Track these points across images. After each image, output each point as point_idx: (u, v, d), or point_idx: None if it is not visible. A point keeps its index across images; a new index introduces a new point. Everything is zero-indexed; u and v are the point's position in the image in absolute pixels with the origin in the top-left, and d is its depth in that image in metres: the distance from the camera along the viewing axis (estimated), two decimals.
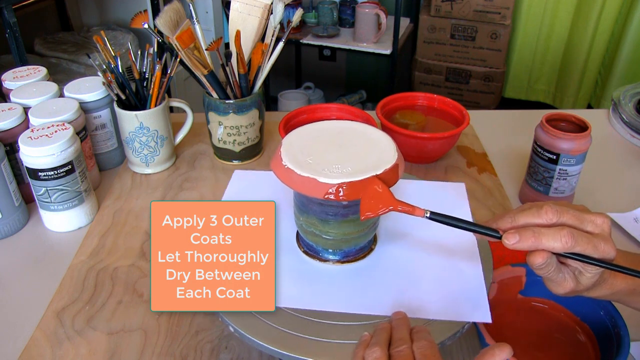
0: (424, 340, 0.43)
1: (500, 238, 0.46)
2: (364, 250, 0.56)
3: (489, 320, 0.48)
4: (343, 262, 0.55)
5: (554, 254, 0.45)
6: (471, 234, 0.55)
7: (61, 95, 0.85)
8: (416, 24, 2.53)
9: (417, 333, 0.45)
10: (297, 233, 0.59)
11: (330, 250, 0.55)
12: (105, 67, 0.81)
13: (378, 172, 0.48)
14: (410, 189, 0.64)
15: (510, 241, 0.45)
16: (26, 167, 0.72)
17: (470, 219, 0.58)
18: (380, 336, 0.45)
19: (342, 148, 0.52)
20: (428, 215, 0.47)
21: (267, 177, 0.66)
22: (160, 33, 0.79)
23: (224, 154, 0.91)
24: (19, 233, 0.78)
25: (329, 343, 0.47)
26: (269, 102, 2.66)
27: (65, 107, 0.80)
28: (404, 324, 0.46)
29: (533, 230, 0.44)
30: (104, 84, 0.83)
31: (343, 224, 0.52)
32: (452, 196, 0.63)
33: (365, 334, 0.46)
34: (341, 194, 0.47)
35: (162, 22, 0.75)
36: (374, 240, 0.58)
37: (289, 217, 0.60)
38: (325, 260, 0.55)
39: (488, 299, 0.51)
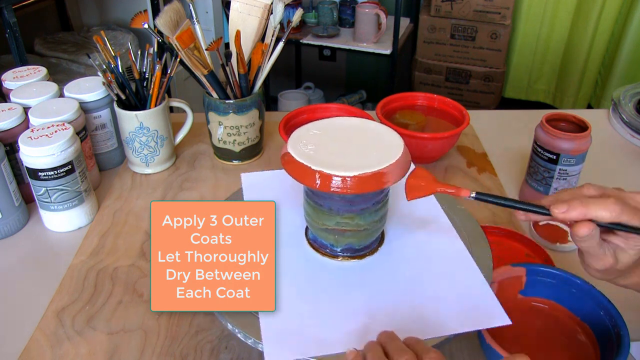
0: (433, 352, 0.41)
1: (548, 213, 0.47)
2: (371, 247, 0.57)
3: (508, 321, 0.48)
4: (352, 258, 0.56)
5: (599, 225, 0.45)
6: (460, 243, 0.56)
7: (61, 95, 0.85)
8: (416, 24, 2.53)
9: (414, 346, 0.43)
10: (306, 228, 0.59)
11: (339, 246, 0.55)
12: (105, 67, 0.81)
13: (386, 165, 0.48)
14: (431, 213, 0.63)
15: (560, 209, 0.45)
16: (26, 167, 0.72)
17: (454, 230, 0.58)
18: (374, 352, 0.42)
19: (349, 143, 0.52)
20: (474, 195, 0.48)
21: (274, 176, 0.67)
22: (160, 33, 0.79)
23: (224, 154, 0.91)
24: (19, 233, 0.78)
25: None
26: (269, 102, 2.66)
27: (65, 107, 0.80)
28: (395, 338, 0.44)
29: (581, 199, 0.45)
30: (104, 84, 0.83)
31: (355, 217, 0.52)
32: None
33: (352, 349, 0.44)
34: (348, 184, 0.47)
35: (162, 22, 0.75)
36: (381, 238, 0.58)
37: (298, 213, 0.60)
38: (334, 256, 0.56)
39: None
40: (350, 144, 0.52)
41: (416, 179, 0.50)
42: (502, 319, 0.48)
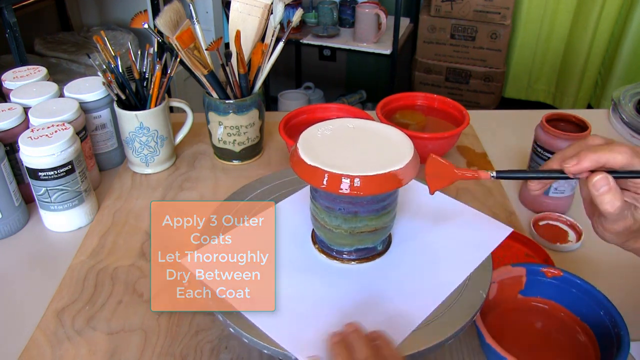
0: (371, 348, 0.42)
1: (563, 175, 0.46)
2: (379, 250, 0.56)
3: (509, 229, 0.51)
4: (359, 261, 0.55)
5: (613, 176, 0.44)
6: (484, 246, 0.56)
7: (61, 95, 0.85)
8: (416, 24, 2.53)
9: (381, 349, 0.43)
10: (313, 231, 0.59)
11: (346, 248, 0.55)
12: (105, 67, 0.81)
13: (398, 167, 0.48)
14: (415, 196, 0.63)
15: (571, 164, 0.45)
16: (26, 167, 0.72)
17: (475, 265, 0.56)
18: (340, 357, 0.42)
19: (357, 144, 0.51)
20: (494, 174, 0.48)
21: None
22: (160, 33, 0.79)
23: (224, 154, 0.91)
24: (19, 233, 0.78)
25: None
26: (269, 102, 2.66)
27: (65, 107, 0.80)
28: (362, 338, 0.44)
29: (589, 148, 0.45)
30: (104, 84, 0.83)
31: (364, 219, 0.52)
32: (484, 235, 0.59)
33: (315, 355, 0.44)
34: (357, 186, 0.47)
35: (162, 22, 0.75)
36: (388, 241, 0.58)
37: (304, 215, 0.60)
38: (340, 259, 0.55)
39: (488, 297, 0.50)
40: (358, 144, 0.51)
41: (435, 168, 0.49)
42: (505, 231, 0.51)
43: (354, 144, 0.52)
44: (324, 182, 0.47)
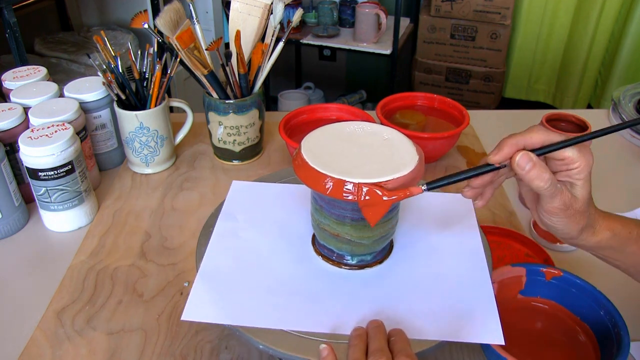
0: (403, 356, 0.43)
1: (492, 167, 0.48)
2: (379, 257, 0.56)
3: (501, 341, 0.47)
4: (360, 267, 0.55)
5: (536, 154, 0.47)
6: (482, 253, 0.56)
7: (61, 95, 0.85)
8: (416, 24, 2.53)
9: (395, 344, 0.44)
10: (313, 236, 0.58)
11: (348, 255, 0.54)
12: (105, 67, 0.81)
13: (404, 173, 0.47)
14: (415, 201, 0.63)
15: (492, 154, 0.47)
16: (26, 167, 0.72)
17: (477, 230, 0.58)
18: (356, 348, 0.44)
19: (361, 149, 0.51)
20: (425, 187, 0.47)
21: (265, 189, 0.66)
22: (160, 33, 0.79)
23: (224, 154, 0.91)
24: (19, 233, 0.78)
25: (329, 343, 0.47)
26: (269, 102, 2.66)
27: (65, 107, 0.80)
28: (381, 333, 0.46)
29: (509, 137, 0.47)
30: (104, 84, 0.83)
31: (365, 226, 0.51)
32: (458, 209, 0.62)
33: (323, 345, 0.44)
34: (360, 194, 0.46)
35: (162, 22, 0.75)
36: (390, 248, 0.57)
37: (304, 218, 0.59)
38: (341, 265, 0.55)
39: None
40: (363, 149, 0.51)
41: (366, 202, 0.46)
42: (495, 337, 0.47)
43: (359, 149, 0.51)
44: (328, 188, 0.47)
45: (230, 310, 0.50)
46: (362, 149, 0.51)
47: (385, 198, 0.46)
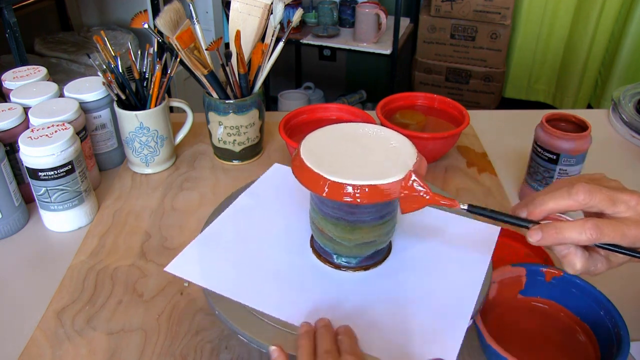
0: (350, 354, 0.43)
1: (529, 228, 0.46)
2: (377, 259, 0.56)
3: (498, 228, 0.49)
4: (356, 269, 0.55)
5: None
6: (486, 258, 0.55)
7: (61, 95, 0.85)
8: (416, 24, 2.53)
9: (342, 343, 0.44)
10: (312, 237, 0.58)
11: (345, 256, 0.54)
12: (105, 67, 0.81)
13: (403, 175, 0.47)
14: (437, 220, 0.61)
15: (534, 238, 0.45)
16: (26, 167, 0.72)
17: (485, 270, 0.54)
18: (304, 349, 0.44)
19: (361, 150, 0.51)
20: (466, 207, 0.47)
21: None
22: (160, 33, 0.79)
23: (224, 154, 0.91)
24: (19, 233, 0.78)
25: (279, 345, 0.47)
26: (269, 102, 2.66)
27: (65, 107, 0.80)
28: (329, 332, 0.46)
29: (555, 226, 0.44)
30: (104, 84, 0.83)
31: (364, 228, 0.51)
32: (479, 239, 0.58)
33: (273, 347, 0.45)
34: (358, 196, 0.46)
35: (162, 22, 0.75)
36: (388, 250, 0.57)
37: (301, 219, 0.59)
38: (339, 266, 0.55)
39: (488, 297, 0.50)
40: (362, 151, 0.50)
41: (410, 195, 0.48)
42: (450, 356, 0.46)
43: (357, 150, 0.51)
44: (325, 190, 0.47)
45: (212, 276, 0.53)
46: (361, 151, 0.51)
47: (427, 197, 0.47)
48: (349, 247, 0.52)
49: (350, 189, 0.46)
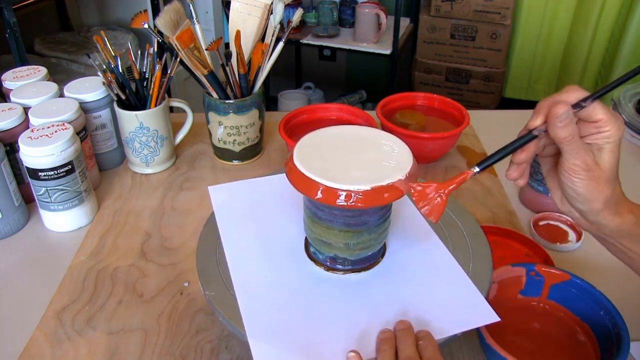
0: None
1: (533, 135, 0.48)
2: (372, 261, 0.55)
3: (496, 318, 0.48)
4: (351, 272, 0.54)
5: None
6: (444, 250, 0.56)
7: (61, 95, 0.85)
8: (416, 24, 2.53)
9: (424, 349, 0.44)
10: (306, 240, 0.58)
11: (340, 259, 0.54)
12: (105, 67, 0.81)
13: (398, 179, 0.47)
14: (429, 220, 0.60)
15: (532, 120, 0.48)
16: (26, 167, 0.72)
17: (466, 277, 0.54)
18: (386, 353, 0.43)
19: (355, 154, 0.50)
20: (477, 170, 0.48)
21: (246, 187, 0.66)
22: (160, 33, 0.79)
23: (224, 154, 0.91)
24: (19, 233, 0.78)
25: (357, 352, 0.46)
26: (269, 102, 2.66)
27: (65, 107, 0.80)
28: (411, 337, 0.45)
29: (544, 100, 0.47)
30: (104, 84, 0.83)
31: (357, 232, 0.51)
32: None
33: (352, 354, 0.44)
34: (352, 200, 0.46)
35: (162, 22, 0.75)
36: (382, 252, 0.57)
37: (295, 223, 0.59)
38: (334, 269, 0.54)
39: (488, 297, 0.50)
40: (356, 154, 0.50)
41: (423, 197, 0.47)
42: (489, 317, 0.48)
43: (351, 153, 0.50)
44: (319, 194, 0.46)
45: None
46: (354, 154, 0.50)
47: (449, 190, 0.47)
48: (344, 250, 0.52)
49: (343, 194, 0.45)
